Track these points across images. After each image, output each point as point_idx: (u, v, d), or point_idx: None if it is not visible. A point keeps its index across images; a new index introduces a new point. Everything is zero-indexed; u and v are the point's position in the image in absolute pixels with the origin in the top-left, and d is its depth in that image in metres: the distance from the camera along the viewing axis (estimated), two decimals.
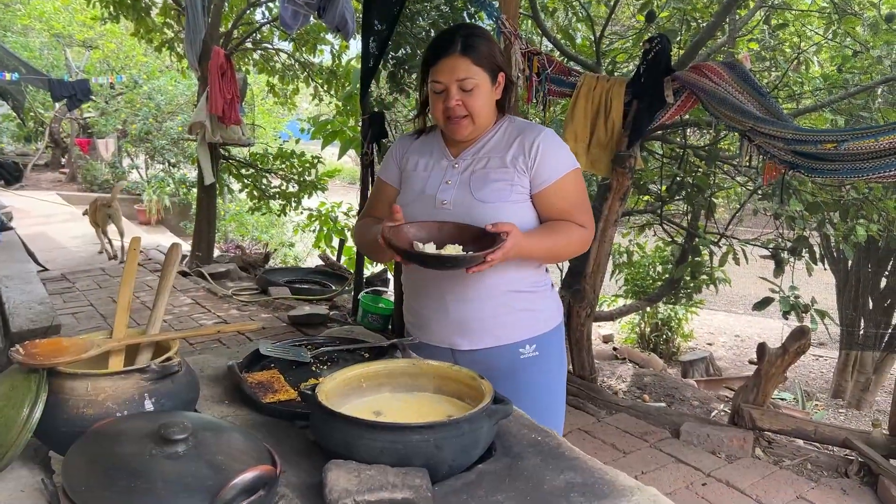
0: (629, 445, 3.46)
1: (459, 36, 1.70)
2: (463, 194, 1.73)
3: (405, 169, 1.87)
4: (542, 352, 1.83)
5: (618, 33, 6.69)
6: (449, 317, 1.78)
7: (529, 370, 1.81)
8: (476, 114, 1.71)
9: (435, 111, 1.75)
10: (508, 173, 1.73)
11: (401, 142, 1.94)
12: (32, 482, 1.13)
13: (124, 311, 1.33)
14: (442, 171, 1.80)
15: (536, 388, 1.81)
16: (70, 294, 5.77)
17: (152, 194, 12.44)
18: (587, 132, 3.72)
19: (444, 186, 1.76)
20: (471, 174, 1.75)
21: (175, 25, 7.64)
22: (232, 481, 0.91)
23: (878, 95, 5.38)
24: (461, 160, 1.79)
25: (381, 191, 1.94)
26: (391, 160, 1.92)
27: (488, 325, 1.77)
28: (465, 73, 1.67)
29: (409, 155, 1.88)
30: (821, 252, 5.53)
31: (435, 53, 1.71)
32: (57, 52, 15.05)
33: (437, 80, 1.70)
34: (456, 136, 1.77)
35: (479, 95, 1.70)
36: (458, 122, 1.72)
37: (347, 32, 4.78)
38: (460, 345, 1.80)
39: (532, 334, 1.81)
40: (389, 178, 1.92)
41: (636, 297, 7.24)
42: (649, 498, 1.15)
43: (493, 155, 1.76)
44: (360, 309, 4.94)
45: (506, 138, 1.78)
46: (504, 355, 1.79)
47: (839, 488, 3.06)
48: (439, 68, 1.69)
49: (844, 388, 7.12)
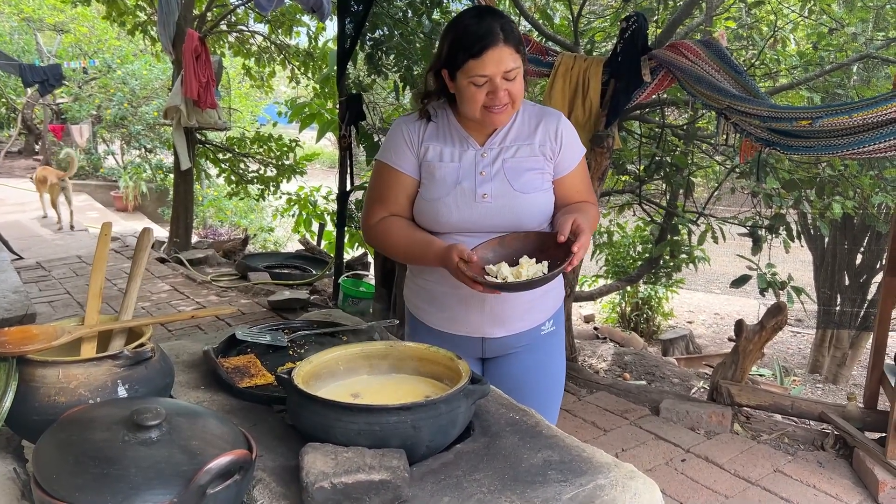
0: (609, 423, 3.50)
1: (496, 23, 1.59)
2: (502, 186, 1.68)
3: (425, 158, 1.74)
4: (556, 325, 1.91)
5: (595, 12, 6.67)
6: (485, 308, 1.76)
7: (548, 344, 1.88)
8: (517, 100, 1.66)
9: (472, 103, 1.63)
10: (539, 161, 1.72)
11: (409, 127, 1.77)
12: (4, 471, 1.12)
13: (96, 298, 1.31)
14: (471, 160, 1.71)
15: (553, 359, 1.89)
16: (46, 282, 5.70)
17: (129, 180, 12.29)
18: (565, 112, 3.71)
19: (479, 178, 1.69)
20: (503, 164, 1.70)
21: (148, 8, 7.51)
22: (206, 466, 0.90)
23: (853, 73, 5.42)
24: (489, 150, 1.72)
25: (396, 181, 1.76)
26: (403, 146, 1.75)
27: (520, 311, 1.79)
28: (510, 63, 1.60)
29: (427, 142, 1.74)
30: (798, 229, 5.58)
31: (476, 44, 1.58)
32: (27, 37, 14.75)
33: (481, 73, 1.59)
34: (497, 125, 1.70)
35: (520, 81, 1.64)
36: (501, 111, 1.64)
37: (323, 14, 4.72)
38: (493, 333, 1.79)
39: (552, 312, 1.88)
40: (406, 168, 1.75)
41: (616, 277, 7.29)
42: (626, 474, 1.16)
43: (520, 143, 1.72)
44: (341, 293, 4.93)
45: (527, 124, 1.74)
46: (529, 335, 1.83)
47: (815, 461, 3.12)
48: (485, 61, 1.58)
49: (821, 363, 7.24)
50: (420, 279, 1.84)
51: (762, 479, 2.95)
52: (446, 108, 1.76)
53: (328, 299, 5.31)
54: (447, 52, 1.64)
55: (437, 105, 1.77)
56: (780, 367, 6.60)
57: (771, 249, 5.14)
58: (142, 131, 12.85)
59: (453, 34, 1.64)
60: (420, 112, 1.77)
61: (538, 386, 1.85)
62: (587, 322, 8.69)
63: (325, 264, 6.27)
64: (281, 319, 4.78)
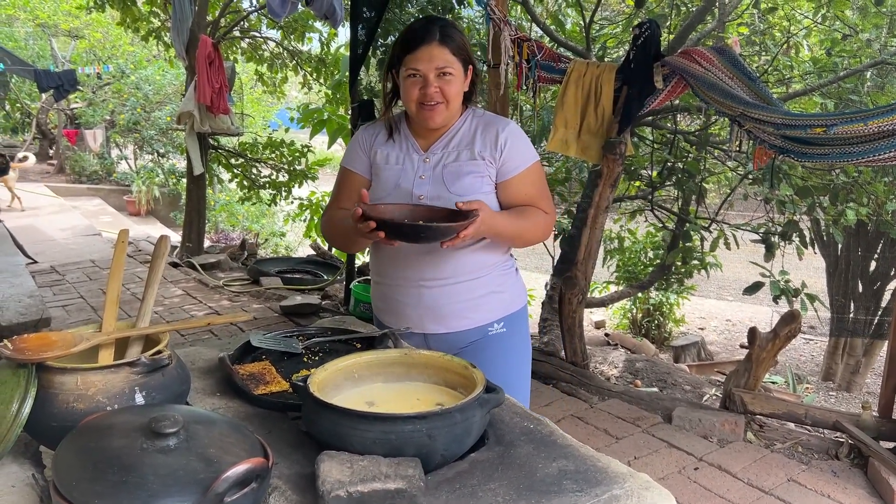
0: (621, 431, 3.48)
1: (436, 26, 1.75)
2: (438, 189, 1.79)
3: (375, 161, 1.89)
4: (509, 328, 1.93)
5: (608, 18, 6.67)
6: (423, 302, 1.84)
7: (497, 345, 1.90)
8: (451, 100, 1.77)
9: (408, 98, 1.78)
10: (479, 165, 1.80)
11: (365, 132, 1.95)
12: (23, 477, 1.13)
13: (113, 304, 1.32)
14: (413, 164, 1.84)
15: (503, 362, 1.89)
16: (60, 286, 5.74)
17: (141, 185, 12.38)
18: (577, 119, 3.72)
19: (418, 181, 1.81)
20: (443, 168, 1.81)
21: (162, 14, 7.56)
22: (224, 474, 0.91)
23: (867, 79, 5.39)
24: (432, 154, 1.84)
25: (349, 181, 1.94)
26: (358, 149, 1.93)
27: (460, 308, 1.85)
28: (443, 61, 1.73)
29: (377, 147, 1.90)
30: (811, 236, 5.55)
31: (413, 41, 1.74)
32: (42, 42, 14.90)
33: (414, 67, 1.74)
34: (429, 124, 1.80)
35: (455, 83, 1.76)
36: (432, 109, 1.76)
37: (336, 20, 4.74)
38: (434, 329, 1.87)
39: (501, 315, 1.91)
40: (358, 168, 1.92)
41: (628, 283, 7.26)
42: (641, 484, 1.15)
43: (462, 148, 1.82)
44: (352, 298, 4.94)
45: (472, 130, 1.84)
46: (473, 334, 1.89)
47: (829, 470, 3.09)
48: (418, 56, 1.73)
49: (835, 370, 7.18)
50: (376, 277, 1.97)
51: (776, 488, 2.93)
52: (402, 116, 1.91)
53: (339, 304, 5.32)
54: (394, 53, 1.81)
55: (398, 114, 1.92)
56: (792, 375, 6.55)
57: (784, 256, 5.12)
58: (155, 136, 12.93)
59: (400, 36, 1.81)
60: (382, 114, 1.91)
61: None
62: (598, 328, 8.66)
63: (336, 269, 6.29)
64: (293, 324, 4.81)
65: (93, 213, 11.03)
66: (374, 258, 1.97)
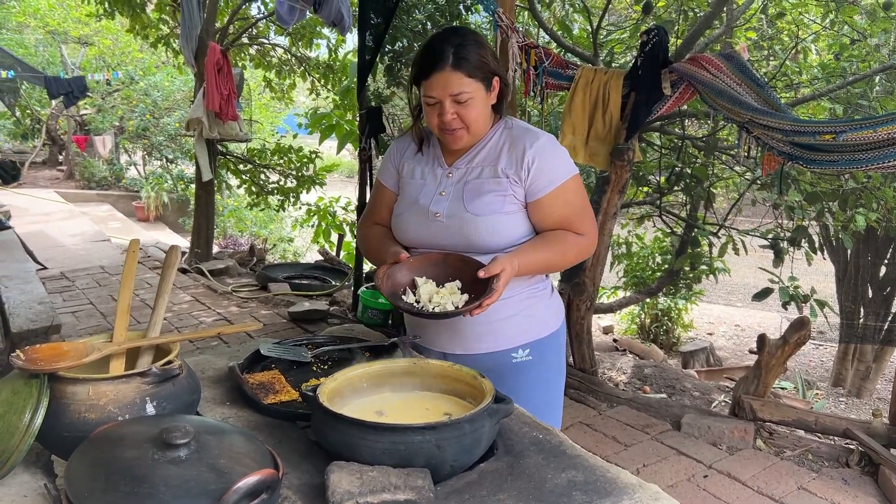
0: (630, 438, 3.47)
1: (450, 47, 1.62)
2: (456, 207, 1.70)
3: (402, 174, 1.84)
4: (536, 356, 1.80)
5: (615, 24, 6.67)
6: (439, 322, 1.76)
7: (522, 374, 1.78)
8: (472, 125, 1.67)
9: (429, 122, 1.71)
10: (501, 184, 1.69)
11: (398, 144, 1.89)
12: (35, 487, 1.13)
13: (124, 314, 1.33)
14: (436, 180, 1.77)
15: (529, 392, 1.75)
16: (70, 293, 5.77)
17: (150, 191, 12.43)
18: (585, 125, 3.72)
19: (437, 198, 1.73)
20: (464, 185, 1.72)
21: (171, 21, 7.61)
22: (235, 485, 0.92)
23: (876, 84, 5.37)
24: (455, 169, 1.76)
25: (381, 194, 1.90)
26: (389, 163, 1.88)
27: (480, 331, 1.75)
28: (458, 87, 1.62)
29: (406, 160, 1.84)
30: (820, 241, 5.52)
31: (426, 68, 1.64)
32: (52, 49, 15.00)
33: (429, 94, 1.65)
34: (452, 146, 1.73)
35: (474, 106, 1.65)
36: (453, 134, 1.68)
37: (344, 27, 4.77)
38: (452, 349, 1.78)
39: (526, 340, 1.79)
40: (388, 182, 1.88)
41: (636, 289, 7.24)
42: (651, 495, 1.15)
43: (486, 164, 1.73)
44: (361, 304, 4.94)
45: (499, 146, 1.74)
46: (496, 360, 1.77)
47: (840, 478, 3.07)
48: (431, 84, 1.63)
49: (845, 376, 7.14)
50: None
51: (786, 496, 2.92)
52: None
53: (347, 310, 5.32)
54: (412, 72, 1.72)
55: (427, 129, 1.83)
56: (802, 380, 6.51)
57: (793, 262, 5.09)
58: (163, 142, 12.99)
59: (416, 55, 1.70)
60: (412, 128, 1.84)
61: None
62: (606, 334, 8.63)
63: (344, 275, 6.29)
64: (301, 330, 4.82)
65: (102, 218, 11.08)
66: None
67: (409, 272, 1.64)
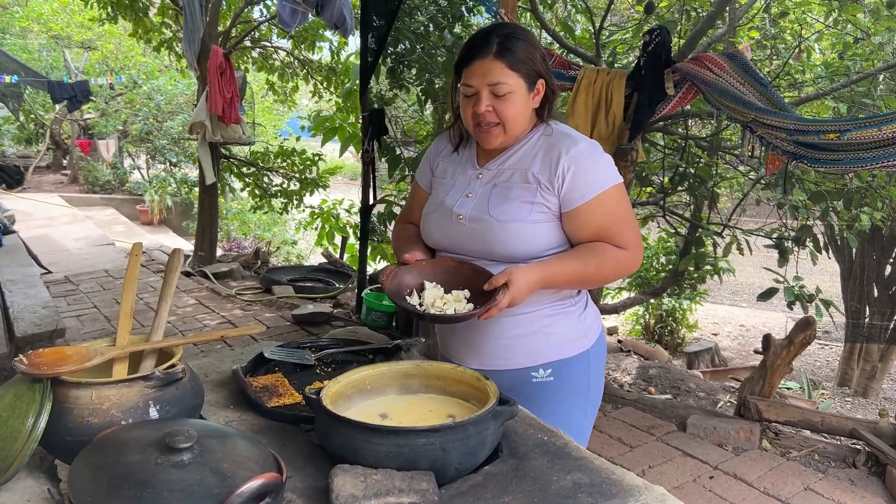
0: (636, 439, 3.46)
1: (496, 37, 1.56)
2: (480, 210, 1.62)
3: (435, 173, 1.80)
4: (558, 377, 1.68)
5: (617, 24, 6.66)
6: (456, 332, 1.72)
7: (542, 395, 1.67)
8: (508, 122, 1.59)
9: (465, 115, 1.63)
10: (530, 190, 1.59)
11: (436, 143, 1.84)
12: (39, 492, 1.13)
13: (127, 318, 1.33)
14: (466, 181, 1.70)
15: (550, 416, 1.56)
16: (74, 297, 5.78)
17: (154, 194, 12.45)
18: (588, 126, 3.70)
19: (463, 200, 1.66)
20: (492, 188, 1.64)
21: (173, 25, 7.62)
22: (238, 489, 0.91)
23: (880, 82, 5.35)
24: (486, 170, 1.68)
25: (415, 193, 1.88)
26: (426, 162, 1.85)
27: (497, 346, 1.67)
28: (497, 77, 1.55)
29: (440, 159, 1.80)
30: (825, 241, 5.50)
31: (468, 54, 1.58)
32: (56, 54, 15.03)
33: (468, 83, 1.58)
34: (485, 145, 1.66)
35: (513, 103, 1.57)
36: (487, 131, 1.60)
37: (346, 29, 4.77)
38: (468, 363, 1.68)
39: (546, 359, 1.68)
40: (422, 182, 1.85)
41: (640, 290, 7.23)
42: (657, 497, 1.14)
43: (518, 168, 1.64)
44: (364, 306, 4.94)
45: (535, 150, 1.64)
46: (514, 378, 1.67)
47: (847, 479, 3.06)
48: (471, 71, 1.57)
49: (850, 376, 7.11)
50: None
51: (793, 497, 2.90)
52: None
53: (351, 313, 5.32)
54: (456, 62, 1.66)
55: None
56: (808, 380, 6.49)
57: (798, 261, 5.07)
58: (167, 146, 13.01)
59: (463, 46, 1.65)
60: (451, 125, 1.79)
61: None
62: (610, 334, 8.61)
63: (348, 277, 6.30)
64: (305, 333, 4.82)
65: (106, 222, 11.10)
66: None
67: (419, 275, 1.62)
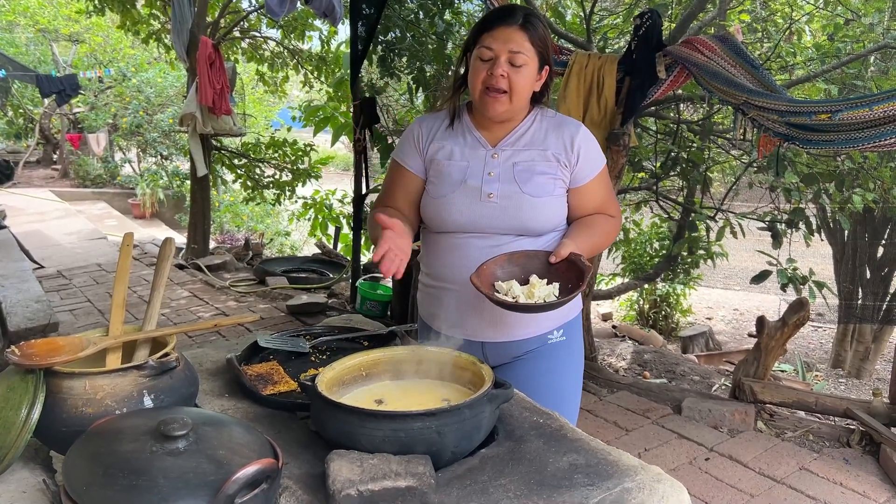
0: (631, 423, 3.48)
1: (522, 11, 1.66)
2: (510, 187, 1.68)
3: (435, 157, 1.76)
4: (568, 336, 1.84)
5: (608, 9, 6.64)
6: (483, 315, 1.74)
7: (556, 354, 1.82)
8: (517, 92, 1.65)
9: (475, 79, 1.67)
10: (552, 167, 1.71)
11: (421, 126, 1.81)
12: (34, 482, 1.13)
13: (119, 308, 1.32)
14: (481, 160, 1.72)
15: (561, 372, 1.83)
16: (67, 291, 5.75)
17: (146, 188, 12.39)
18: (580, 111, 3.70)
19: (487, 178, 1.69)
20: (513, 166, 1.70)
21: (161, 16, 7.56)
22: (234, 476, 0.91)
23: (870, 63, 5.35)
24: (500, 150, 1.73)
25: (400, 177, 1.81)
26: (410, 144, 1.80)
27: (523, 319, 1.74)
28: (518, 46, 1.62)
29: (437, 140, 1.77)
30: (817, 223, 5.51)
31: (494, 19, 1.65)
32: (43, 48, 14.91)
33: (489, 45, 1.63)
34: (488, 112, 1.68)
35: (525, 75, 1.65)
36: (495, 97, 1.65)
37: (335, 18, 4.73)
38: (493, 337, 1.77)
39: (560, 322, 1.82)
40: (411, 165, 1.79)
41: (634, 275, 7.24)
42: (653, 476, 1.15)
43: (533, 147, 1.72)
44: (359, 296, 4.94)
45: (543, 130, 1.75)
46: (535, 342, 1.80)
47: (841, 458, 3.08)
48: (495, 35, 1.63)
49: (844, 357, 7.15)
50: (429, 280, 1.84)
51: (788, 477, 2.92)
52: (464, 109, 1.79)
53: (346, 303, 5.32)
54: (471, 33, 1.71)
55: (459, 106, 1.80)
56: (801, 363, 6.53)
57: (791, 244, 5.09)
58: (158, 139, 12.94)
59: (481, 18, 1.70)
60: (447, 100, 1.79)
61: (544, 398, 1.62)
62: (605, 320, 8.64)
63: (341, 268, 6.29)
64: (300, 324, 4.81)
65: (98, 216, 11.04)
66: (430, 262, 1.82)
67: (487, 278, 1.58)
